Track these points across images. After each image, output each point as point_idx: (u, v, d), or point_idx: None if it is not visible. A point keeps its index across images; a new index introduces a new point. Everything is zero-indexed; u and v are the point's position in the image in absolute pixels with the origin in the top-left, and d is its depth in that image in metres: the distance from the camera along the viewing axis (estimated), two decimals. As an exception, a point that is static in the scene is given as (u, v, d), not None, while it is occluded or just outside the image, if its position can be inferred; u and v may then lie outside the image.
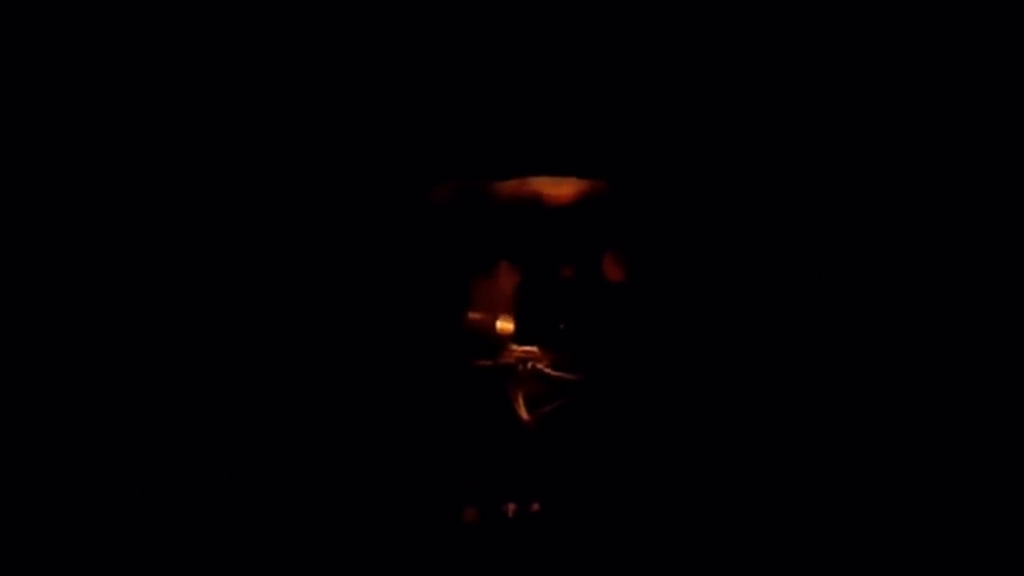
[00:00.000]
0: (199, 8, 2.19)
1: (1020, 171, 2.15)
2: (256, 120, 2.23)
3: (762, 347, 2.18)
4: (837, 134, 2.18)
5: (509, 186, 2.22)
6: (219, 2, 2.19)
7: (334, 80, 2.24)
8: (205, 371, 2.17)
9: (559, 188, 2.20)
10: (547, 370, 2.18)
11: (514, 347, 2.18)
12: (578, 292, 2.21)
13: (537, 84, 2.23)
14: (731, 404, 2.17)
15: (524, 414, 2.15)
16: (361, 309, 2.21)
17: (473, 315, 2.20)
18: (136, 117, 2.21)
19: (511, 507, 2.13)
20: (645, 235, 2.22)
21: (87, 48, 2.20)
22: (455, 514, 2.13)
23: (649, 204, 2.22)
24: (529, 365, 2.17)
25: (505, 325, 2.19)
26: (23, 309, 2.15)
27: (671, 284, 2.21)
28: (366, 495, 2.14)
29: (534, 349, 2.18)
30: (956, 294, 2.14)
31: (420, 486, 2.15)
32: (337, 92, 2.24)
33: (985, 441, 2.10)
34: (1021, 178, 2.15)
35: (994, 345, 2.13)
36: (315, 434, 2.16)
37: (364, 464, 2.15)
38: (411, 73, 2.24)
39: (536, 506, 2.13)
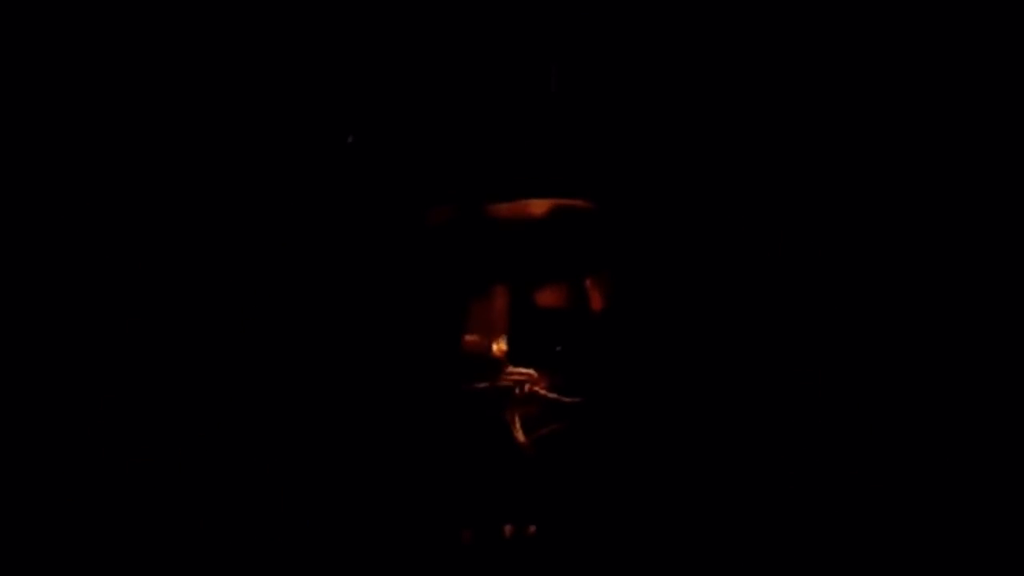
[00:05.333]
0: (199, 31, 2.19)
1: (1020, 171, 2.15)
2: (257, 141, 2.23)
3: (757, 369, 2.18)
4: (821, 155, 2.19)
5: (505, 209, 2.22)
6: (221, 29, 2.19)
7: (334, 104, 2.24)
8: (203, 386, 2.18)
9: (555, 211, 2.20)
10: (543, 392, 2.18)
11: (511, 370, 2.18)
12: (574, 315, 2.21)
13: (534, 110, 2.24)
14: (726, 425, 2.17)
15: (521, 436, 2.16)
16: (358, 330, 2.21)
17: (470, 338, 2.20)
18: (138, 139, 2.22)
19: (508, 529, 2.14)
20: (640, 258, 2.22)
21: (87, 48, 2.20)
22: (452, 535, 2.14)
23: (645, 229, 2.22)
24: (526, 387, 2.18)
25: (501, 347, 2.19)
26: (23, 309, 2.16)
27: (665, 307, 2.21)
28: (364, 516, 2.14)
29: (531, 372, 2.19)
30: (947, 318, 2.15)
31: (417, 507, 2.15)
32: (337, 115, 2.24)
33: (985, 441, 2.12)
34: (1021, 178, 2.15)
35: (992, 345, 2.14)
36: (312, 454, 2.17)
37: (361, 485, 2.16)
38: (409, 98, 2.25)
39: (532, 528, 2.14)
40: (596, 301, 2.21)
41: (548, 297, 2.22)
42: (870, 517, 2.10)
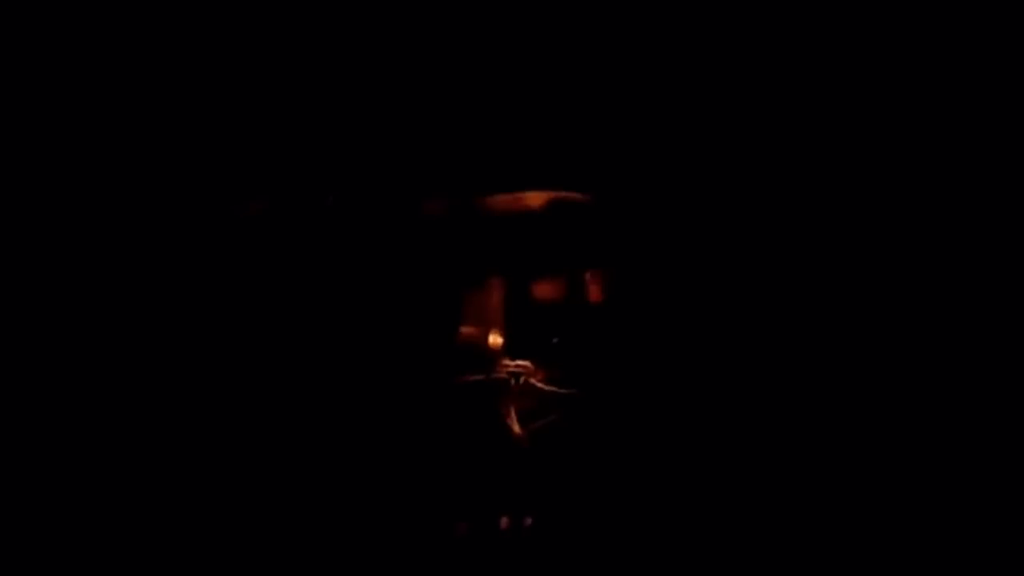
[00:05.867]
0: (196, 26, 2.19)
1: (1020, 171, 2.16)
2: (252, 132, 2.23)
3: (752, 360, 2.19)
4: (821, 151, 2.19)
5: (500, 201, 2.22)
6: (220, 23, 2.19)
7: (328, 95, 2.23)
8: (198, 384, 2.17)
9: (551, 203, 2.20)
10: (539, 384, 2.18)
11: (506, 362, 2.18)
12: (570, 307, 2.21)
13: (529, 101, 2.24)
14: (721, 417, 2.17)
15: (516, 428, 2.15)
16: (353, 323, 2.20)
17: (465, 329, 2.20)
18: (135, 132, 2.22)
19: (504, 521, 2.14)
20: (637, 251, 2.22)
21: (87, 48, 2.19)
22: (448, 528, 2.13)
23: (640, 220, 2.22)
24: (521, 380, 2.17)
25: (497, 339, 2.19)
26: (23, 309, 2.15)
27: (662, 299, 2.21)
28: (359, 509, 2.14)
29: (526, 364, 2.18)
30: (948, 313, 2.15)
31: (413, 500, 2.15)
32: (331, 106, 2.24)
33: (985, 441, 2.12)
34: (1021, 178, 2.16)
35: (993, 345, 2.14)
36: (307, 448, 2.16)
37: (356, 478, 2.15)
38: (403, 88, 2.24)
39: (529, 520, 2.14)
40: (594, 293, 2.21)
41: (544, 289, 2.22)
42: (868, 512, 2.10)
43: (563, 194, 2.21)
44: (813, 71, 2.21)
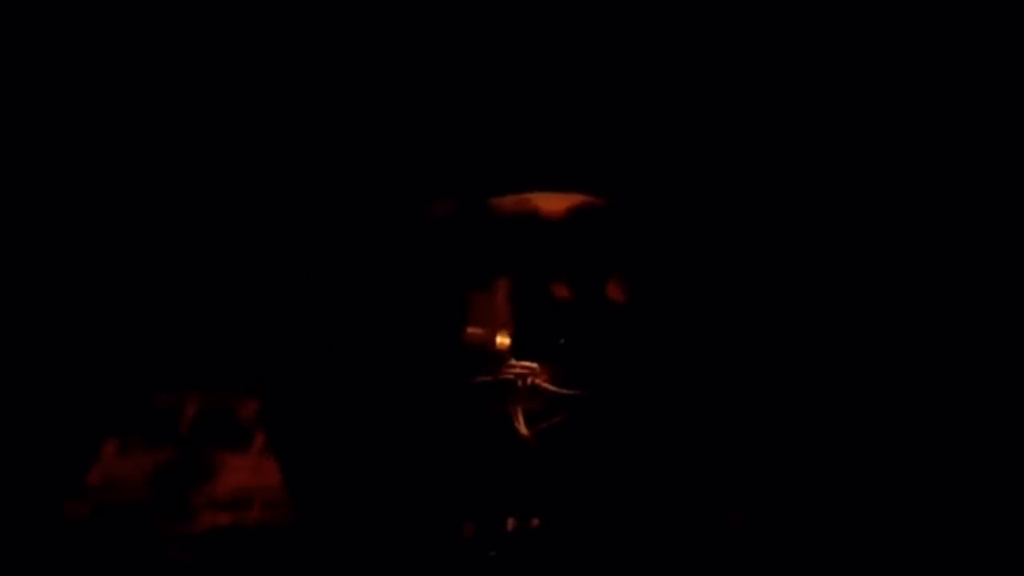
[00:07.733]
0: (198, 32, 2.21)
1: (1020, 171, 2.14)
2: (257, 135, 2.24)
3: (758, 361, 2.18)
4: (831, 154, 2.18)
5: (508, 202, 2.22)
6: (222, 29, 2.21)
7: (335, 96, 2.25)
8: (206, 382, 2.19)
9: (558, 205, 2.20)
10: (546, 385, 2.18)
11: (513, 362, 2.18)
12: (577, 308, 2.21)
13: (536, 103, 2.24)
14: (728, 419, 2.17)
15: (523, 429, 2.16)
16: (360, 323, 2.22)
17: (472, 330, 2.20)
18: (139, 138, 2.24)
19: (511, 522, 2.14)
20: (643, 252, 2.22)
21: (88, 48, 2.21)
22: (455, 529, 2.14)
23: (647, 221, 2.22)
24: (528, 380, 2.17)
25: (504, 340, 2.19)
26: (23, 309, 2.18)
27: (669, 300, 2.21)
28: (366, 510, 2.15)
29: (533, 364, 2.18)
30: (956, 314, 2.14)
31: (420, 501, 2.16)
32: (338, 108, 2.25)
33: (985, 441, 2.10)
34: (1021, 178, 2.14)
35: (994, 345, 2.13)
36: (315, 446, 2.18)
37: (364, 479, 2.17)
38: (411, 90, 2.25)
39: (535, 521, 2.14)
40: (605, 294, 2.20)
41: (551, 291, 2.22)
42: (869, 512, 2.09)
43: (571, 196, 2.22)
44: (828, 76, 2.20)
